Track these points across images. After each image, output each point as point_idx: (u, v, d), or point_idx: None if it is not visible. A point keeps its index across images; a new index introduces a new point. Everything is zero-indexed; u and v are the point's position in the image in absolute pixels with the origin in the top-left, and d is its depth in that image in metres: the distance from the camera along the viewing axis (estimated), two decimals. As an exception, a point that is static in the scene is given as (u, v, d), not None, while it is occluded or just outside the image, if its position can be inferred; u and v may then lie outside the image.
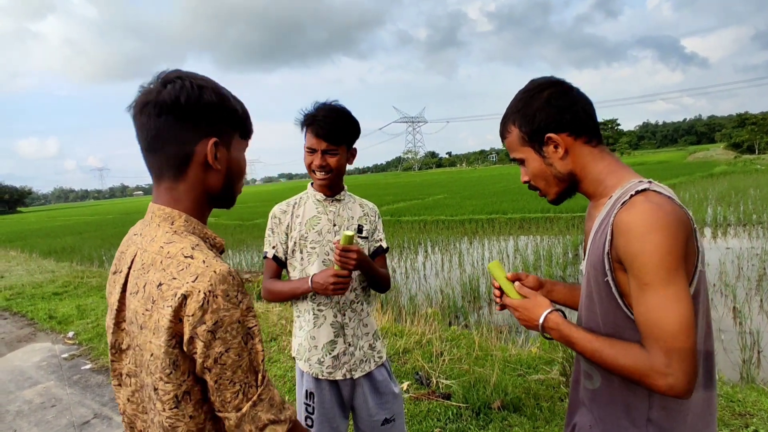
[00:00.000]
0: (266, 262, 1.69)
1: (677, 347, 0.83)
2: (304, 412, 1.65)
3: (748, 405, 2.61)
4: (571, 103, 1.03)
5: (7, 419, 3.32)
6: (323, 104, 1.60)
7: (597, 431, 1.02)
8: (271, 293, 1.66)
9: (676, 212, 0.87)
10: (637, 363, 0.86)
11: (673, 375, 0.83)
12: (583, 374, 1.06)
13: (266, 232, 1.71)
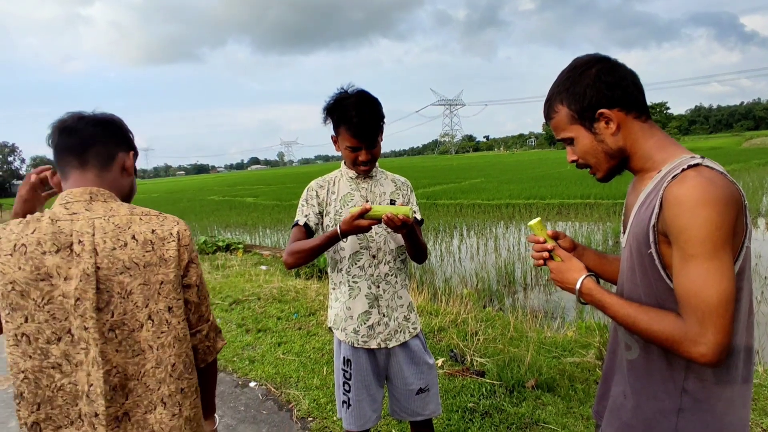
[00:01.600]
0: (295, 229, 1.71)
1: (714, 319, 0.84)
2: (342, 377, 1.74)
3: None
4: (621, 78, 1.03)
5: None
6: (353, 100, 1.60)
7: (631, 400, 1.04)
8: (295, 251, 1.63)
9: (728, 188, 0.87)
10: (672, 330, 0.89)
11: (706, 344, 0.85)
12: (622, 345, 1.08)
13: (300, 203, 1.77)
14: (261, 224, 15.35)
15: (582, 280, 1.05)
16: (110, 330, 0.97)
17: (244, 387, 3.20)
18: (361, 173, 1.71)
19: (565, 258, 1.12)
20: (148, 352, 1.00)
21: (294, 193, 26.91)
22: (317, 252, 1.62)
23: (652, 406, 1.01)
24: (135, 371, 0.99)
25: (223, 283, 5.83)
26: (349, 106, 1.59)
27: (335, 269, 1.75)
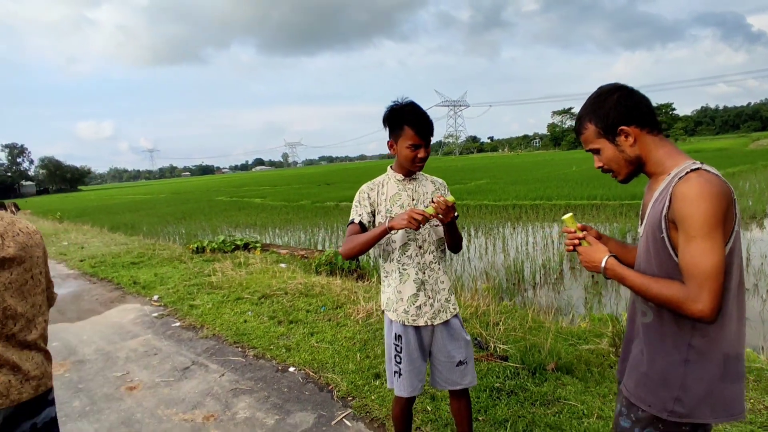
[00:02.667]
0: (351, 226, 1.96)
1: (709, 283, 1.12)
2: (393, 351, 2.01)
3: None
4: (637, 102, 1.32)
5: (119, 363, 3.91)
6: (411, 108, 1.89)
7: (647, 356, 1.32)
8: (352, 245, 1.88)
9: (721, 186, 1.15)
10: (678, 293, 1.16)
11: (703, 302, 1.13)
12: (639, 312, 1.35)
13: (354, 204, 2.03)
14: (270, 225, 15.59)
15: (606, 259, 1.33)
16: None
17: (284, 372, 3.49)
18: (416, 170, 1.97)
19: (592, 243, 1.40)
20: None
21: (300, 194, 27.22)
22: (370, 245, 1.88)
23: (665, 359, 1.28)
24: (24, 309, 1.51)
25: (248, 279, 6.12)
26: (410, 112, 1.87)
27: (387, 259, 2.03)
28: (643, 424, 1.33)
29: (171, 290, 6.01)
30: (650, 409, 1.30)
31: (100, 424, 2.95)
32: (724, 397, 1.25)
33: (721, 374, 1.24)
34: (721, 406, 1.25)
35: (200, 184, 66.92)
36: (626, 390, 1.38)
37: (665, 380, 1.28)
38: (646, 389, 1.31)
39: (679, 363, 1.26)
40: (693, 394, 1.25)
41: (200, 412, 3.00)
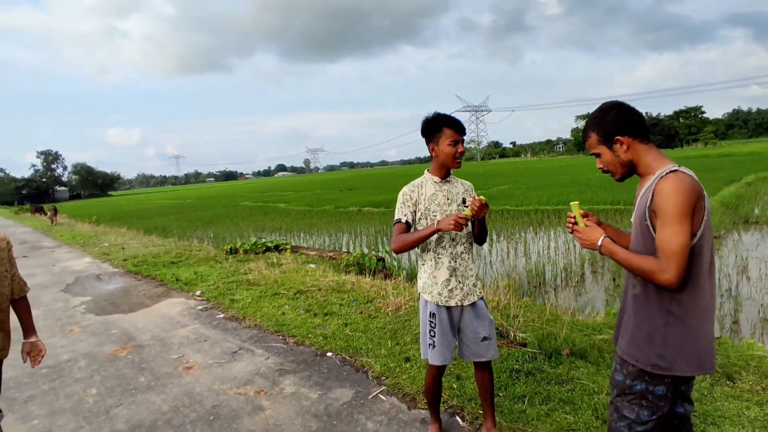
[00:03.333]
0: (398, 225, 2.33)
1: (676, 258, 1.45)
2: (428, 327, 2.36)
3: None
4: (631, 117, 1.65)
5: (174, 347, 4.35)
6: (444, 114, 2.28)
7: (634, 321, 1.64)
8: (403, 243, 2.25)
9: (691, 183, 1.48)
10: (651, 265, 1.49)
11: (669, 273, 1.45)
12: (630, 286, 1.68)
13: (398, 205, 2.40)
14: (295, 229, 16.04)
15: (602, 239, 1.66)
16: None
17: (322, 356, 3.86)
18: (456, 166, 2.31)
19: (591, 225, 1.73)
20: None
21: (323, 199, 27.76)
22: (419, 242, 2.24)
23: (649, 323, 1.60)
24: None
25: (283, 277, 6.55)
26: (445, 116, 2.26)
27: (424, 249, 2.38)
28: (632, 377, 1.65)
29: (211, 286, 6.48)
30: (638, 364, 1.63)
31: (165, 395, 3.38)
32: (698, 353, 1.56)
33: (694, 336, 1.55)
34: (695, 362, 1.56)
35: (225, 190, 68.48)
36: (620, 349, 1.70)
37: (650, 340, 1.60)
38: (635, 347, 1.64)
39: (661, 326, 1.58)
40: (672, 351, 1.57)
41: (251, 388, 3.40)
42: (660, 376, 1.61)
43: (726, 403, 2.64)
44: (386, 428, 2.74)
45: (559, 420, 2.61)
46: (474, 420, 2.73)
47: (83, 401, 3.40)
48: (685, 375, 1.59)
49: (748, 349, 3.24)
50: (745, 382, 2.85)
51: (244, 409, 3.09)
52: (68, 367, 4.05)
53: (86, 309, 6.01)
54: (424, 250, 2.39)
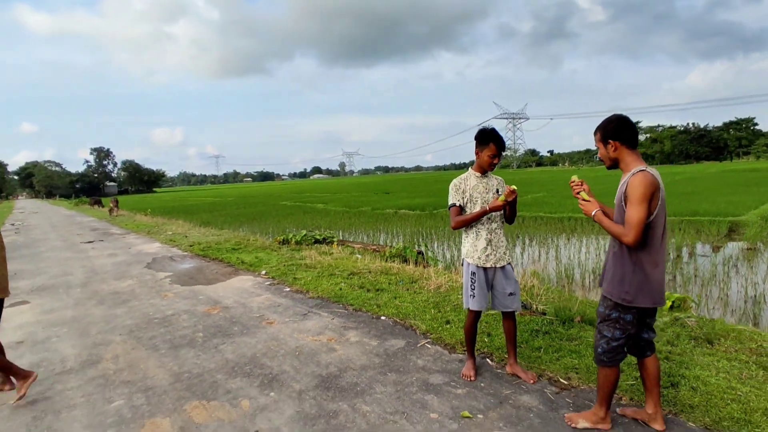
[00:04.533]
0: (453, 209, 3.19)
1: (634, 227, 2.25)
2: (470, 282, 3.17)
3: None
4: (625, 128, 2.45)
5: (254, 310, 5.34)
6: (493, 132, 3.11)
7: (612, 269, 2.43)
8: (461, 221, 3.13)
9: (651, 180, 2.27)
10: (620, 230, 2.30)
11: (630, 236, 2.25)
12: (612, 246, 2.47)
13: (451, 193, 3.23)
14: (334, 227, 17.00)
15: (596, 211, 2.47)
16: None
17: (377, 319, 4.75)
18: (490, 170, 3.17)
19: (590, 199, 2.53)
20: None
21: (360, 201, 28.80)
22: (474, 220, 3.13)
23: (621, 270, 2.40)
24: None
25: (335, 262, 7.50)
26: (496, 135, 3.10)
27: (469, 225, 3.21)
28: (610, 308, 2.45)
29: (274, 268, 7.50)
30: (613, 298, 2.42)
31: (257, 339, 4.34)
32: (651, 291, 2.35)
33: (649, 280, 2.34)
34: (649, 297, 2.35)
35: (263, 189, 70.82)
36: (604, 290, 2.50)
37: (621, 282, 2.40)
38: (612, 287, 2.44)
39: (629, 272, 2.37)
40: (634, 290, 2.36)
41: (324, 337, 4.31)
42: (628, 307, 2.40)
43: (702, 357, 3.35)
44: (432, 364, 3.59)
45: (566, 363, 3.39)
46: (500, 361, 3.54)
47: (195, 340, 4.40)
48: (644, 306, 2.38)
49: (729, 328, 3.91)
50: (722, 346, 3.54)
51: (320, 350, 4.01)
52: (174, 319, 5.10)
53: (171, 281, 7.13)
54: (468, 226, 3.23)
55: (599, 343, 2.52)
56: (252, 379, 3.49)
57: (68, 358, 4.12)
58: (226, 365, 3.77)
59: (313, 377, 3.47)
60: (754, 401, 2.72)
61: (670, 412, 2.71)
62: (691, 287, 7.06)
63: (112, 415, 3.08)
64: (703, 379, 3.01)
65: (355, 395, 3.15)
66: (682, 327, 3.88)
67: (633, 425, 2.61)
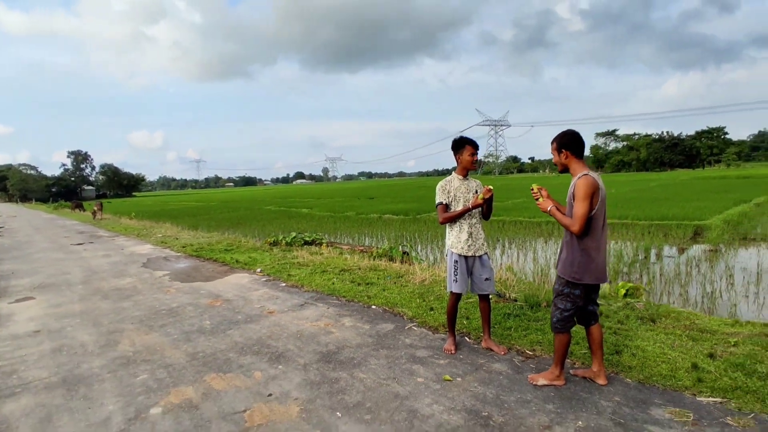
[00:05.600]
0: (440, 207, 3.75)
1: (579, 219, 2.86)
2: (453, 268, 3.73)
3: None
4: (575, 141, 3.05)
5: (254, 302, 5.81)
6: (461, 136, 3.69)
7: (564, 254, 3.02)
8: (448, 216, 3.68)
9: (592, 182, 2.88)
10: (569, 222, 2.91)
11: (575, 226, 2.86)
12: (565, 235, 3.06)
13: (438, 193, 3.78)
14: (320, 231, 17.38)
15: (550, 207, 3.05)
16: None
17: (368, 308, 5.28)
18: (472, 170, 3.75)
19: (546, 198, 3.11)
20: None
21: (344, 205, 29.22)
22: (459, 217, 3.68)
23: (571, 255, 2.99)
24: None
25: (326, 260, 8.01)
26: (465, 138, 3.69)
27: (453, 221, 3.77)
28: (562, 285, 3.04)
29: (268, 266, 7.97)
30: (565, 276, 3.01)
31: (260, 326, 4.82)
32: (594, 271, 2.94)
33: (593, 262, 2.93)
34: (593, 276, 2.94)
35: (246, 194, 70.65)
36: (558, 270, 3.09)
37: (571, 263, 2.99)
38: (564, 268, 3.02)
39: (578, 256, 2.96)
40: (581, 269, 2.95)
41: (321, 323, 4.82)
42: (576, 284, 2.99)
43: (644, 332, 3.97)
44: (418, 342, 4.14)
45: (532, 338, 3.98)
46: (477, 339, 4.11)
47: (203, 327, 4.86)
48: (589, 283, 2.97)
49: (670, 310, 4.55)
50: (662, 324, 4.17)
51: (319, 333, 4.52)
52: (180, 311, 5.54)
53: (170, 278, 7.54)
54: (453, 221, 3.79)
55: (554, 314, 3.10)
56: (261, 356, 3.98)
57: (87, 344, 4.54)
58: (236, 346, 4.26)
59: (315, 354, 3.98)
60: (679, 362, 3.34)
61: (612, 372, 3.31)
62: (655, 285, 7.73)
63: (139, 386, 3.54)
64: (642, 348, 3.62)
65: (352, 366, 3.68)
66: (632, 310, 4.51)
67: (582, 382, 3.20)
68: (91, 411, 3.16)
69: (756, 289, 6.92)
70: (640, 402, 2.91)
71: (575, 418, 2.76)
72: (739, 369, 3.19)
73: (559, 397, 3.03)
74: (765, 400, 2.82)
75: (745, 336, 3.77)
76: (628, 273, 8.81)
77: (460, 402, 3.02)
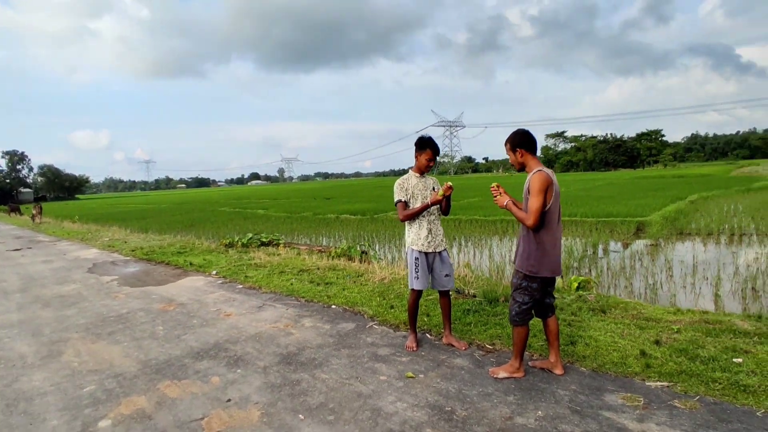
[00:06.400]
0: (400, 204, 3.75)
1: (534, 213, 2.94)
2: (414, 265, 3.73)
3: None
4: (528, 139, 3.13)
5: (210, 305, 5.61)
6: (430, 139, 3.72)
7: (521, 248, 3.10)
8: (408, 214, 3.68)
9: (545, 177, 2.97)
10: (524, 216, 2.99)
11: (530, 220, 2.95)
12: (521, 231, 3.14)
13: (396, 191, 3.78)
14: (277, 232, 17.07)
15: (507, 201, 3.12)
16: None
17: (328, 307, 5.22)
18: (426, 172, 3.77)
19: (504, 194, 3.18)
20: None
21: (301, 206, 28.84)
22: (419, 213, 3.68)
23: (528, 248, 3.07)
24: None
25: (284, 261, 7.86)
26: (430, 142, 3.70)
27: (422, 212, 3.76)
28: (520, 278, 3.12)
29: (224, 268, 7.73)
30: (523, 270, 3.09)
31: (217, 329, 4.67)
32: (550, 264, 3.03)
33: (548, 255, 3.03)
34: (549, 269, 3.04)
35: (200, 196, 68.41)
36: (516, 264, 3.17)
37: (528, 257, 3.07)
38: (521, 261, 3.10)
39: (534, 249, 3.04)
40: (537, 263, 3.03)
41: (280, 324, 4.72)
42: (534, 277, 3.08)
43: (596, 323, 4.15)
44: (380, 340, 4.13)
45: (492, 333, 4.06)
46: (438, 335, 4.16)
47: (156, 333, 4.65)
48: (545, 276, 3.06)
49: (619, 301, 4.78)
50: (612, 314, 4.37)
51: (279, 334, 4.42)
52: (131, 317, 5.27)
53: (119, 283, 7.17)
54: (413, 219, 3.80)
55: (513, 307, 3.18)
56: (218, 361, 3.85)
57: (27, 355, 4.23)
58: (192, 351, 4.10)
59: (275, 356, 3.89)
60: (629, 350, 3.51)
61: (568, 362, 3.43)
62: (603, 278, 8.09)
63: (86, 398, 3.33)
64: (595, 338, 3.78)
65: (314, 367, 3.62)
66: (584, 302, 4.70)
67: (540, 373, 3.30)
68: (33, 427, 2.95)
69: (692, 280, 7.38)
70: (594, 389, 3.02)
71: (535, 408, 2.84)
72: (683, 354, 3.39)
73: (519, 388, 3.10)
74: (708, 383, 3.00)
75: (687, 323, 4.01)
76: (578, 267, 9.16)
77: (424, 398, 3.03)
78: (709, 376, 3.07)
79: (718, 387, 2.94)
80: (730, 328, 3.83)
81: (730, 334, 3.74)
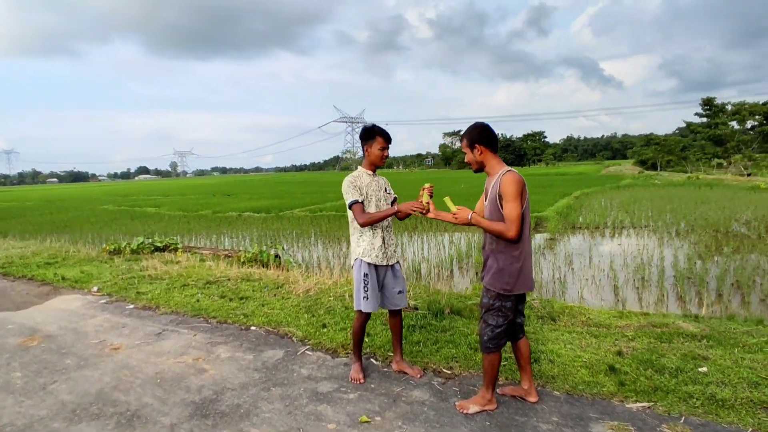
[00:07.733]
0: (357, 205, 3.04)
1: (515, 222, 2.48)
2: (362, 283, 3.10)
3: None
4: (487, 134, 2.66)
5: (90, 334, 4.47)
6: (379, 127, 3.12)
7: (493, 264, 2.64)
8: (371, 218, 2.99)
9: (519, 178, 2.52)
10: (502, 227, 2.51)
11: (512, 231, 2.48)
12: (488, 243, 2.68)
13: (350, 189, 3.07)
14: (171, 233, 15.36)
15: (471, 214, 2.63)
16: None
17: (247, 330, 4.40)
18: (382, 165, 3.16)
19: (462, 209, 2.69)
20: None
21: (198, 203, 26.63)
22: (382, 219, 3.02)
23: (501, 264, 2.62)
24: None
25: (186, 271, 6.75)
26: (379, 128, 3.09)
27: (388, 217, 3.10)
28: (493, 298, 2.66)
29: (109, 283, 6.42)
30: (495, 289, 2.64)
31: (102, 370, 3.64)
32: (525, 279, 2.62)
33: (523, 269, 2.61)
34: (525, 284, 2.62)
35: (77, 192, 60.49)
36: (486, 283, 2.70)
37: (501, 274, 2.62)
38: (493, 279, 2.65)
39: (508, 265, 2.60)
40: (513, 280, 2.60)
41: (188, 357, 3.82)
42: (508, 296, 2.64)
43: (550, 333, 3.89)
44: (317, 372, 3.46)
45: (446, 353, 3.59)
46: (385, 360, 3.59)
47: (11, 383, 3.49)
48: (521, 293, 2.64)
49: (564, 306, 4.62)
50: (562, 321, 4.17)
51: (187, 372, 3.54)
52: (-26, 359, 3.97)
53: (-41, 310, 5.56)
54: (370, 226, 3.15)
55: (485, 332, 2.72)
56: (104, 421, 2.90)
57: None
58: (64, 409, 3.07)
59: (185, 406, 3.04)
60: (596, 365, 3.26)
61: (539, 385, 3.07)
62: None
63: None
64: (556, 352, 3.49)
65: (240, 418, 2.85)
66: (531, 308, 4.46)
67: (513, 402, 2.89)
68: None
69: (593, 272, 7.70)
70: (577, 419, 2.68)
71: (519, 452, 2.40)
72: (649, 366, 3.21)
73: (496, 425, 2.65)
74: (686, 399, 2.81)
75: (636, 328, 3.91)
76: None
77: (387, 451, 2.45)
78: (684, 391, 2.89)
79: (697, 404, 2.76)
80: (677, 332, 3.78)
81: (680, 337, 3.68)
